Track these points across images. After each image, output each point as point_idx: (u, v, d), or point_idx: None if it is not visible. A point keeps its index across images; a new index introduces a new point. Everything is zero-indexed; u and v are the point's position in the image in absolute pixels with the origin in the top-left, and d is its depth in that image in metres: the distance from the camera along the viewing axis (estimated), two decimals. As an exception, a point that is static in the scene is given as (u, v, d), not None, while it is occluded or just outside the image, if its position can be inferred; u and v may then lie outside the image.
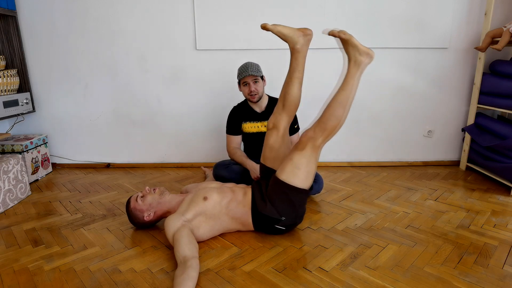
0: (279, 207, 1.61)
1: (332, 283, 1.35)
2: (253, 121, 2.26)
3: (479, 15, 2.53)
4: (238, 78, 2.18)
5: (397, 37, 2.57)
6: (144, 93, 2.73)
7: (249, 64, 2.14)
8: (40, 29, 2.60)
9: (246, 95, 2.20)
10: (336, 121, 1.56)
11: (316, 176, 2.14)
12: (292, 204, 1.61)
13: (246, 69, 2.11)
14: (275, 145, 1.77)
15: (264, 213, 1.62)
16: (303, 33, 1.63)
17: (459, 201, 2.10)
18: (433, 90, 2.69)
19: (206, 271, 1.43)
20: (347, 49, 1.56)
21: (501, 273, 1.40)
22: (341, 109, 1.54)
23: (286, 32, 1.61)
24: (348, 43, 1.54)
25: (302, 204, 1.66)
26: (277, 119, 1.77)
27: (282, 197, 1.60)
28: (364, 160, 2.85)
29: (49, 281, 1.38)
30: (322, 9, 2.52)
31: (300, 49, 1.65)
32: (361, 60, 1.54)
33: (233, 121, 2.28)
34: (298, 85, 1.73)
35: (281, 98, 1.77)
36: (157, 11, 2.56)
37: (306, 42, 1.65)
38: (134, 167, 2.87)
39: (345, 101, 1.54)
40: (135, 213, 1.72)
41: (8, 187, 2.09)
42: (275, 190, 1.61)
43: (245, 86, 2.17)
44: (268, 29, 1.59)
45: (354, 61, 1.55)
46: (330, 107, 1.56)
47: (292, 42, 1.64)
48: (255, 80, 2.14)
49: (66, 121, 2.79)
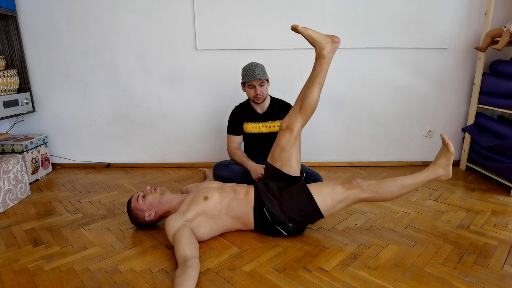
0: (292, 214, 1.62)
1: (332, 283, 1.35)
2: (254, 121, 2.26)
3: (479, 15, 2.53)
4: (244, 80, 2.14)
5: (397, 37, 2.57)
6: (144, 93, 2.73)
7: (255, 67, 2.09)
8: (40, 29, 2.60)
9: (251, 97, 2.18)
10: None
11: (316, 176, 2.15)
12: (306, 220, 1.64)
13: (253, 73, 2.07)
14: (286, 146, 1.76)
15: (272, 212, 1.62)
16: (332, 40, 1.69)
17: (459, 201, 2.10)
18: (433, 90, 2.69)
19: (206, 271, 1.43)
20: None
21: (501, 273, 1.40)
22: None
23: (315, 37, 1.67)
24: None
25: (311, 221, 1.68)
26: (292, 121, 1.77)
27: (301, 208, 1.61)
28: (364, 160, 2.85)
29: (49, 281, 1.38)
30: (322, 9, 2.52)
31: (326, 55, 1.69)
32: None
33: (235, 121, 2.28)
34: (318, 90, 1.76)
35: (299, 100, 1.78)
36: (157, 11, 2.56)
37: (333, 49, 1.70)
38: (134, 167, 2.87)
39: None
40: (136, 212, 1.72)
41: (8, 187, 2.09)
42: (298, 199, 1.63)
43: (250, 89, 2.14)
44: (298, 31, 1.66)
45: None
46: None
47: (319, 47, 1.69)
48: (261, 83, 2.12)
49: (66, 121, 2.79)
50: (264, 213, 1.64)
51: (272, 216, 1.62)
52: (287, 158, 1.77)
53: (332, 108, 2.73)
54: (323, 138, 2.80)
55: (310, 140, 2.75)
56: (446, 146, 1.60)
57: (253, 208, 1.65)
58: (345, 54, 2.60)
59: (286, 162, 1.77)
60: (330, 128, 2.78)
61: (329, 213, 1.64)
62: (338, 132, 2.79)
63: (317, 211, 1.60)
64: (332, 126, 2.78)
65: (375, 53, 2.62)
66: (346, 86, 2.69)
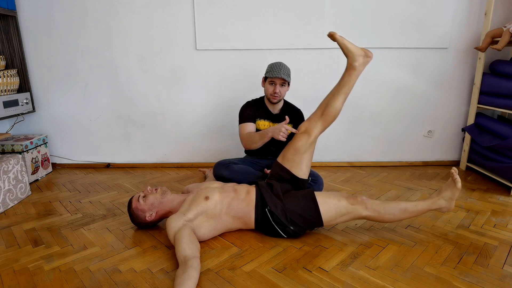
0: (294, 217, 1.62)
1: (332, 283, 1.35)
2: (266, 119, 2.25)
3: (479, 15, 2.53)
4: (267, 75, 2.11)
5: (397, 37, 2.57)
6: (144, 93, 2.73)
7: (282, 66, 2.08)
8: (40, 29, 2.60)
9: (269, 94, 2.15)
10: None
11: (316, 176, 2.15)
12: (306, 226, 1.64)
13: (279, 70, 2.06)
14: (301, 149, 1.77)
15: (274, 212, 1.62)
16: (365, 54, 1.74)
17: (459, 201, 2.10)
18: (433, 90, 2.69)
19: (206, 271, 1.43)
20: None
21: (501, 273, 1.40)
22: None
23: (350, 48, 1.72)
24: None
25: (311, 228, 1.69)
26: (312, 126, 1.79)
27: (303, 214, 1.62)
28: (364, 160, 2.85)
29: (49, 281, 1.38)
30: (322, 9, 2.52)
31: (357, 68, 1.73)
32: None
33: (249, 111, 2.20)
34: (343, 100, 1.79)
35: (322, 106, 1.81)
36: (157, 11, 2.55)
37: (365, 63, 1.75)
38: (134, 167, 2.87)
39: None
40: (137, 213, 1.72)
41: (8, 187, 2.09)
42: (303, 205, 1.63)
43: (270, 85, 2.12)
44: (335, 39, 1.70)
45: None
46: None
47: (352, 58, 1.73)
48: (283, 83, 2.12)
49: (66, 121, 2.79)
50: (266, 213, 1.64)
51: (273, 217, 1.62)
52: (299, 161, 1.78)
53: (332, 108, 2.72)
54: (323, 138, 2.80)
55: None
56: (454, 181, 1.62)
57: (255, 207, 1.66)
58: (345, 54, 2.61)
59: (297, 164, 1.78)
60: (330, 128, 2.76)
61: (329, 224, 1.66)
62: (338, 132, 2.78)
63: (319, 220, 1.62)
64: (332, 126, 2.76)
65: (375, 53, 2.57)
66: (346, 86, 2.68)
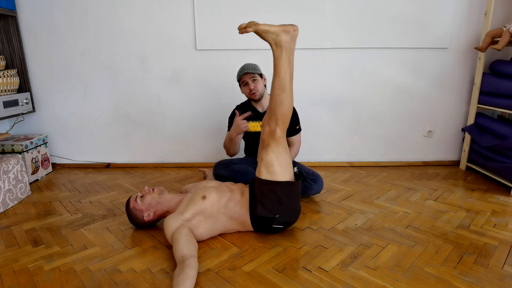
0: (269, 205, 1.61)
1: (332, 283, 1.35)
2: (255, 120, 2.26)
3: (479, 15, 2.53)
4: (237, 79, 2.21)
5: (397, 37, 2.57)
6: (144, 93, 2.73)
7: (245, 64, 2.17)
8: (40, 29, 2.60)
9: (247, 95, 2.21)
10: (284, 107, 1.59)
11: (316, 176, 2.15)
12: (280, 200, 1.61)
13: (242, 69, 2.16)
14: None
15: (258, 215, 1.63)
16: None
17: (459, 201, 2.10)
18: (433, 90, 2.69)
19: (206, 271, 1.43)
20: (263, 37, 1.56)
21: (501, 273, 1.40)
22: (284, 94, 1.57)
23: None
24: (259, 32, 1.54)
25: (290, 198, 1.64)
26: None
27: (269, 195, 1.60)
28: (364, 160, 2.85)
29: (49, 281, 1.38)
30: (322, 9, 2.52)
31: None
32: (279, 40, 1.53)
33: (232, 120, 2.27)
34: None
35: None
36: (157, 11, 2.56)
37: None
38: (134, 167, 2.87)
39: (283, 85, 1.57)
40: (134, 213, 1.72)
41: (8, 187, 2.09)
42: (261, 190, 1.62)
43: (245, 86, 2.18)
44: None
45: (275, 44, 1.55)
46: (273, 96, 1.60)
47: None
48: (253, 78, 2.15)
49: (66, 121, 2.79)
50: (255, 217, 1.65)
51: (261, 219, 1.63)
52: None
53: (332, 108, 2.73)
54: (323, 138, 2.80)
55: (310, 140, 2.75)
56: (246, 32, 1.53)
57: (249, 209, 1.66)
58: (345, 54, 2.60)
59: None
60: (330, 128, 2.78)
61: (287, 172, 1.61)
62: (338, 132, 2.78)
63: (279, 184, 1.59)
64: (332, 126, 2.78)
65: (375, 53, 2.62)
66: (346, 86, 2.68)
